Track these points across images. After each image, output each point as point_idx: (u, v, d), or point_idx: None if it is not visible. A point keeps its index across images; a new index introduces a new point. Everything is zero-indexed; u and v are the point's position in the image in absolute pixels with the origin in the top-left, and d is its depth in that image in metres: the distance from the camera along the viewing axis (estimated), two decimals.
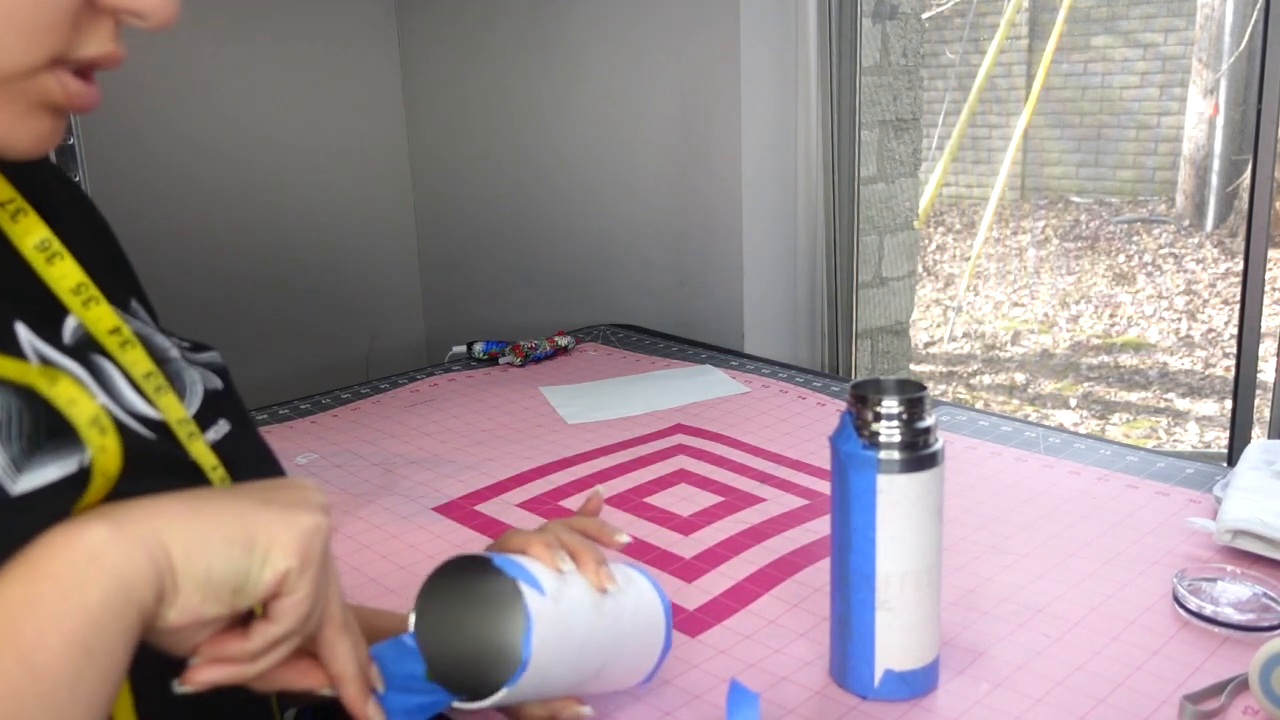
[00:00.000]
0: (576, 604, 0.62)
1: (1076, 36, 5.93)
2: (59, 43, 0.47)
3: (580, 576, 0.64)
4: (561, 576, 0.62)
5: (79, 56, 0.48)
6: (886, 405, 0.71)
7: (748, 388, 1.44)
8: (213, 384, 0.61)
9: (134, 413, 0.54)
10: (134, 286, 0.65)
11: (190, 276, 2.00)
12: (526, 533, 0.66)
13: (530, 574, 0.60)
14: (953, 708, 0.74)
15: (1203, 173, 5.49)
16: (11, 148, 0.49)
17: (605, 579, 0.64)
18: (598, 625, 0.63)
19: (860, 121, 1.76)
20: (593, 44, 1.89)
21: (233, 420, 0.61)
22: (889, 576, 0.72)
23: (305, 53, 2.12)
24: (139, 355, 0.56)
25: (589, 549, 0.66)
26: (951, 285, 5.10)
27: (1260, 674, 0.69)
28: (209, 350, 0.64)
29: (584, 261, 2.01)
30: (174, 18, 0.50)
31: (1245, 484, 0.98)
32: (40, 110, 0.49)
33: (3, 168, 0.55)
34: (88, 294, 0.55)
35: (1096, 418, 3.72)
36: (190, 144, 1.99)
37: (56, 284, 0.54)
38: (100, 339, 0.55)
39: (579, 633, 0.62)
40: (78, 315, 0.54)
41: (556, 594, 0.60)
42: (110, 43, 0.49)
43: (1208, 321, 4.44)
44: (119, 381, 0.54)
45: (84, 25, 0.48)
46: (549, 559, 0.63)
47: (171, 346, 0.60)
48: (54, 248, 0.54)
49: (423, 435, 1.32)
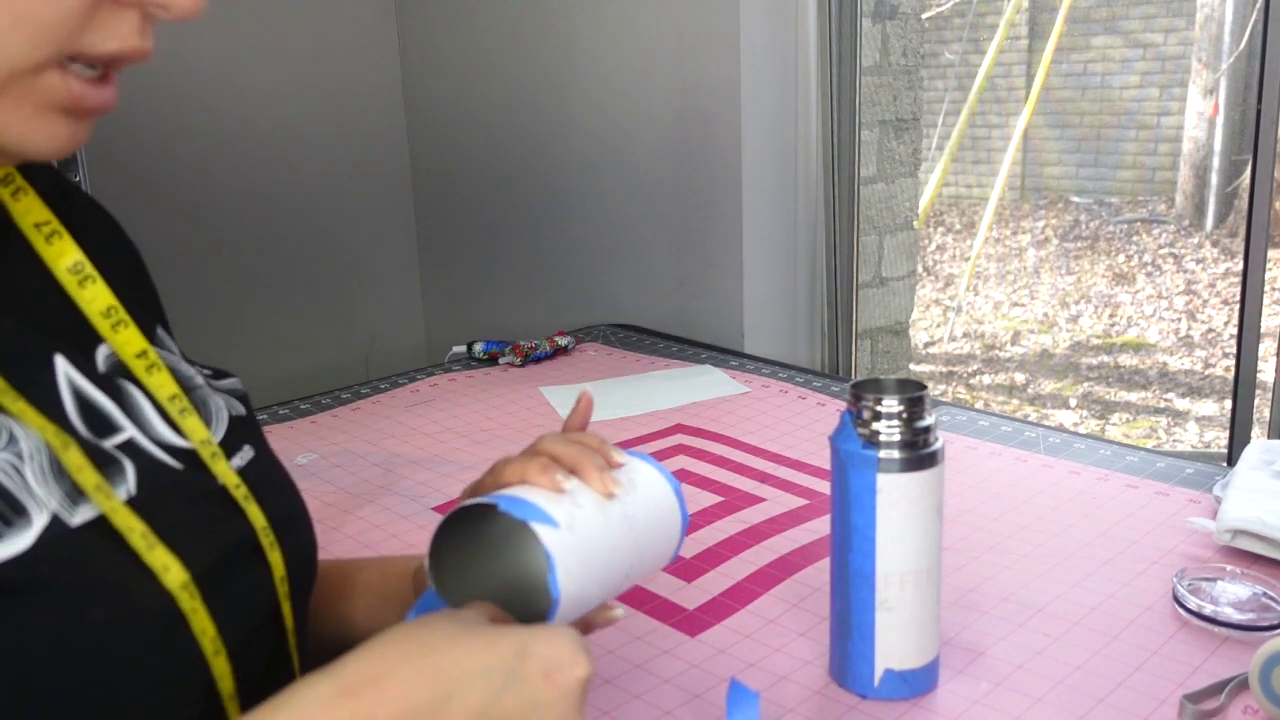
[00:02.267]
0: (590, 522, 0.60)
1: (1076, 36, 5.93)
2: (67, 39, 0.46)
3: (586, 489, 0.61)
4: (568, 496, 0.60)
5: (94, 52, 0.47)
6: (886, 405, 0.71)
7: (748, 388, 1.44)
8: (236, 410, 0.62)
9: (161, 442, 0.54)
10: (160, 316, 0.66)
11: (190, 276, 2.00)
12: (519, 459, 0.63)
13: (538, 509, 0.58)
14: (953, 707, 0.74)
15: (1203, 173, 5.49)
16: (28, 150, 0.48)
17: (610, 484, 0.61)
18: (616, 532, 0.61)
19: (860, 121, 1.76)
20: (592, 43, 1.89)
21: (255, 447, 0.62)
22: (889, 576, 0.72)
23: (305, 51, 2.12)
24: (165, 379, 0.56)
25: (587, 456, 0.63)
26: (951, 285, 5.10)
27: (1260, 674, 0.69)
28: (230, 377, 0.65)
29: (584, 261, 2.01)
30: (200, 7, 0.48)
31: (1245, 484, 0.98)
32: (50, 112, 0.47)
33: (42, 192, 0.56)
34: (117, 317, 0.56)
35: (1096, 418, 3.72)
36: (190, 143, 1.98)
37: (87, 306, 0.55)
38: (128, 362, 0.55)
39: (601, 549, 0.60)
40: (107, 338, 0.55)
41: (569, 520, 0.58)
42: (134, 37, 0.48)
43: (1207, 321, 4.44)
44: (147, 410, 0.54)
45: (101, 19, 0.47)
46: (549, 483, 0.60)
47: (196, 375, 0.61)
48: (86, 271, 0.55)
49: (423, 435, 1.32)
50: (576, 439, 0.65)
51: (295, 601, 0.61)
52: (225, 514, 0.56)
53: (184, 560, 0.51)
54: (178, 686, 0.50)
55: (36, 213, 0.55)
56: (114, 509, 0.49)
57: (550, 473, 0.61)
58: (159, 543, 0.50)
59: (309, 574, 0.64)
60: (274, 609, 0.59)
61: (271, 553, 0.58)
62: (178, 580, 0.50)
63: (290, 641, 0.61)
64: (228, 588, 0.53)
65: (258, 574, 0.57)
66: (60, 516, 0.47)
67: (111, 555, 0.48)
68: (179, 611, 0.50)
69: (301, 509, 0.65)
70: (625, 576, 0.63)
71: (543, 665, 0.50)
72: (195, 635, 0.50)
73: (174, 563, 0.50)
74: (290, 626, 0.60)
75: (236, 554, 0.56)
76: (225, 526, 0.56)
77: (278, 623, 0.59)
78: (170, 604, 0.50)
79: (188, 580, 0.50)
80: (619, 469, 0.64)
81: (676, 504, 0.68)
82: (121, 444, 0.52)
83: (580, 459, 0.62)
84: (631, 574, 0.64)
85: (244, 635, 0.54)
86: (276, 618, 0.59)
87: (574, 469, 0.62)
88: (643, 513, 0.64)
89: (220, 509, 0.56)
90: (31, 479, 0.47)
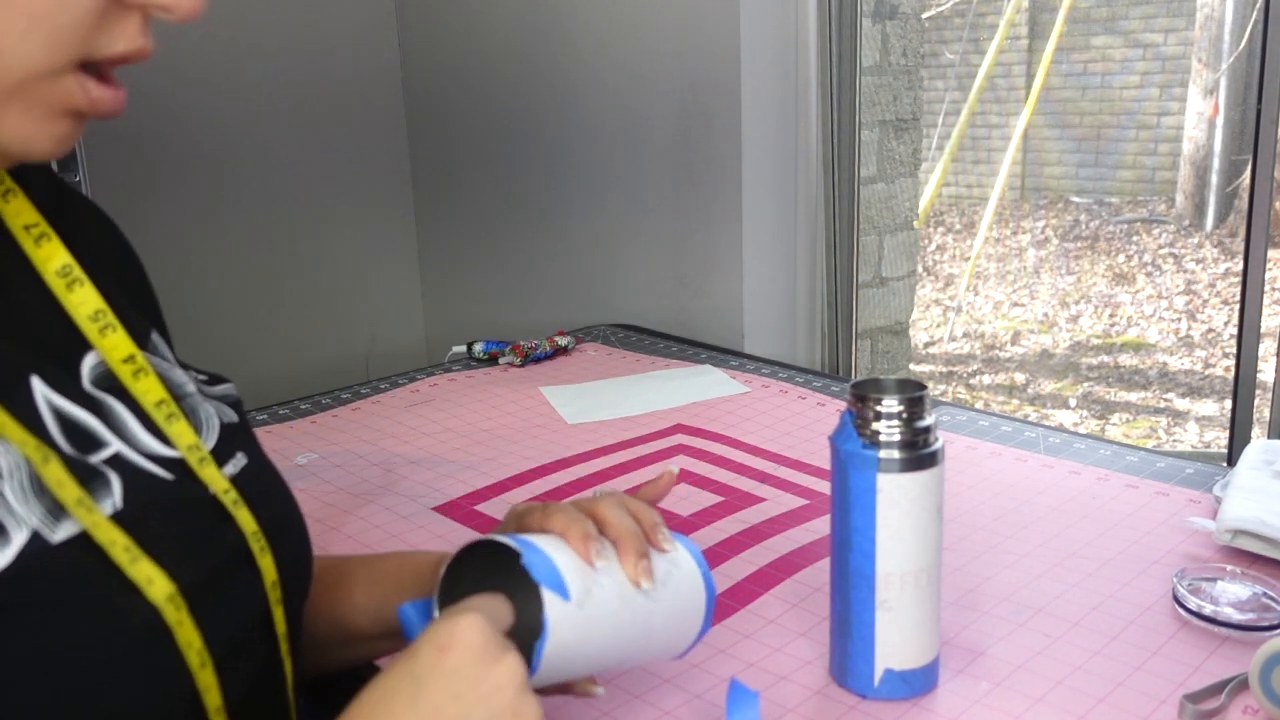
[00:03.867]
0: (605, 606, 0.59)
1: (1076, 36, 5.93)
2: (83, 43, 0.46)
3: (616, 569, 0.60)
4: (593, 572, 0.59)
5: (104, 54, 0.48)
6: (886, 404, 0.71)
7: (748, 388, 1.44)
8: (228, 418, 0.61)
9: (148, 453, 0.54)
10: (157, 321, 0.65)
11: (189, 276, 2.00)
12: (570, 513, 0.61)
13: (557, 575, 0.57)
14: (953, 707, 0.74)
15: (1203, 173, 5.49)
16: (31, 151, 0.49)
17: (642, 574, 0.60)
18: (626, 623, 0.60)
19: (860, 121, 1.76)
20: (592, 43, 1.89)
21: (248, 453, 0.61)
22: (889, 576, 0.72)
23: (306, 49, 2.12)
24: (152, 383, 0.56)
25: (632, 538, 0.61)
26: (951, 285, 5.10)
27: (1260, 674, 0.69)
28: (225, 383, 0.65)
29: (584, 261, 2.01)
30: (200, 9, 0.49)
31: (1245, 484, 0.98)
32: (62, 115, 0.48)
33: (32, 194, 0.56)
34: (105, 321, 0.55)
35: (1096, 418, 3.72)
36: (188, 142, 1.98)
37: (75, 310, 0.54)
38: (114, 368, 0.55)
39: (603, 633, 0.59)
40: (94, 343, 0.54)
41: (583, 596, 0.57)
42: (139, 38, 0.49)
43: (1207, 321, 4.44)
44: (131, 423, 0.54)
45: (110, 23, 0.47)
46: (584, 551, 0.59)
47: (189, 381, 0.61)
48: (75, 274, 0.55)
49: (423, 435, 1.32)
50: (635, 510, 0.64)
51: (288, 608, 0.60)
52: (215, 522, 0.56)
53: (170, 572, 0.50)
54: (162, 700, 0.50)
55: (26, 215, 0.54)
56: (95, 524, 0.49)
57: (589, 544, 0.59)
58: (143, 555, 0.49)
59: (302, 578, 0.63)
60: (264, 615, 0.58)
61: (262, 558, 0.57)
62: (163, 593, 0.49)
63: (282, 648, 0.60)
64: (216, 597, 0.53)
65: (247, 581, 0.57)
66: (40, 533, 0.47)
67: (94, 570, 0.48)
68: (164, 624, 0.49)
69: (295, 514, 0.64)
70: (619, 662, 0.62)
71: (433, 645, 0.50)
72: (180, 648, 0.50)
73: (159, 575, 0.50)
74: (282, 632, 0.59)
75: (226, 562, 0.55)
76: (215, 535, 0.55)
77: (268, 629, 0.59)
78: (154, 617, 0.49)
79: (174, 592, 0.50)
80: (661, 555, 0.63)
81: (703, 611, 0.66)
82: (108, 459, 0.52)
83: (625, 537, 0.61)
84: (627, 662, 0.63)
85: (232, 644, 0.54)
86: (267, 624, 0.58)
87: (615, 542, 0.61)
88: (663, 610, 0.62)
89: (210, 517, 0.55)
90: (10, 496, 0.47)
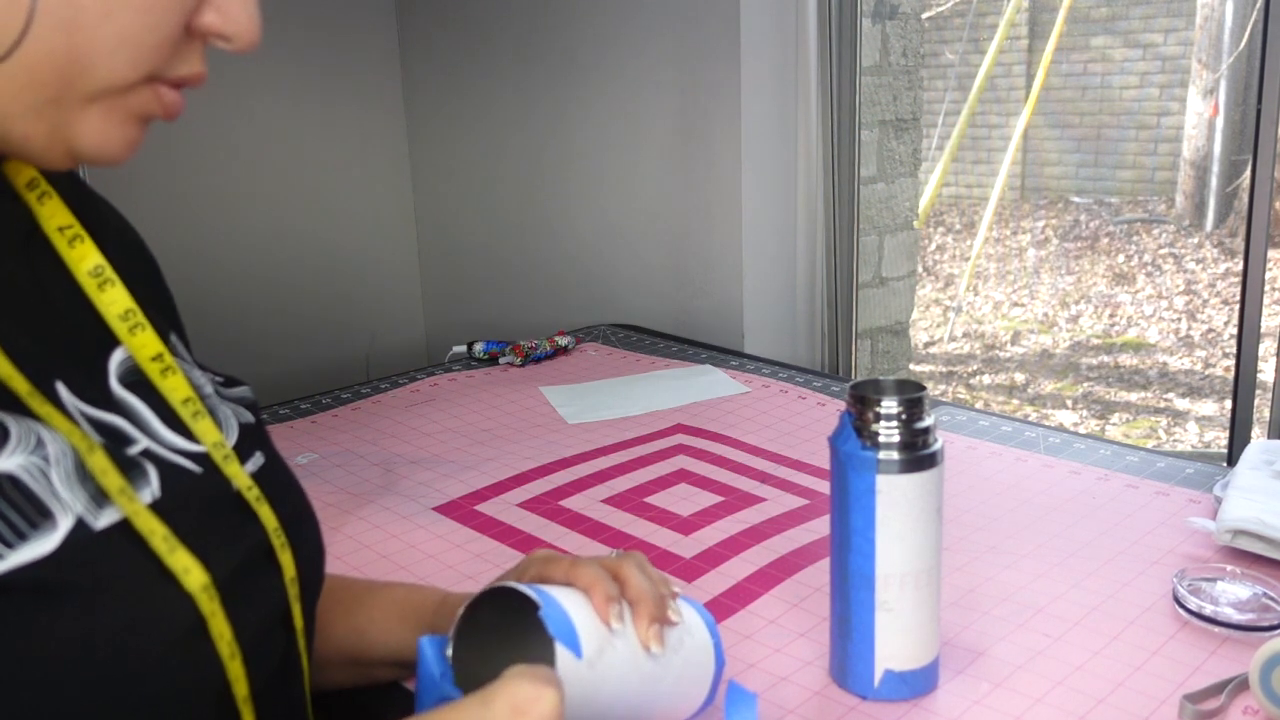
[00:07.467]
0: (616, 668, 0.60)
1: (1076, 36, 5.93)
2: (159, 62, 0.50)
3: (631, 633, 0.62)
4: (609, 634, 0.60)
5: (172, 76, 0.51)
6: (886, 405, 0.71)
7: (748, 388, 1.44)
8: (245, 418, 0.63)
9: (175, 448, 0.55)
10: (175, 322, 0.66)
11: (190, 276, 2.00)
12: (596, 571, 0.64)
13: (573, 631, 0.58)
14: (953, 708, 0.74)
15: (1202, 173, 5.49)
16: (104, 154, 0.51)
17: (653, 639, 0.62)
18: (632, 686, 0.62)
19: (860, 121, 1.76)
20: (592, 44, 1.89)
21: (265, 453, 0.62)
22: (889, 576, 0.72)
23: (307, 55, 2.12)
24: (179, 381, 0.57)
25: (649, 602, 0.63)
26: (951, 285, 5.10)
27: (1260, 674, 0.70)
28: (241, 385, 0.66)
29: (584, 261, 2.01)
30: (258, 41, 0.52)
31: (1245, 484, 0.98)
32: (134, 120, 0.51)
33: (64, 195, 0.57)
34: (135, 320, 0.57)
35: (1096, 418, 3.72)
36: (191, 144, 1.98)
37: (106, 309, 0.56)
38: (143, 365, 0.56)
39: (611, 693, 0.60)
40: (124, 341, 0.56)
41: (595, 657, 0.59)
42: (200, 64, 0.52)
43: (1208, 321, 4.44)
44: (154, 422, 0.55)
45: (181, 47, 0.51)
46: (605, 612, 0.61)
47: (207, 383, 0.62)
48: (106, 274, 0.56)
49: (423, 435, 1.32)
50: (659, 578, 0.66)
51: (304, 603, 0.61)
52: (241, 517, 0.57)
53: (204, 563, 0.51)
54: (195, 688, 0.51)
55: (60, 216, 0.56)
56: (136, 512, 0.50)
57: (611, 606, 0.61)
58: (180, 545, 0.51)
59: (318, 575, 0.65)
60: (284, 611, 0.59)
61: (283, 554, 0.59)
62: (198, 583, 0.51)
63: (300, 643, 0.61)
64: (243, 590, 0.54)
65: (270, 576, 0.58)
66: (85, 520, 0.48)
67: (134, 558, 0.49)
68: (199, 614, 0.51)
69: (309, 511, 0.66)
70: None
71: (510, 703, 0.50)
72: (213, 639, 0.51)
73: (194, 565, 0.51)
74: (300, 628, 0.61)
75: (251, 556, 0.57)
76: (241, 529, 0.57)
77: (287, 624, 0.60)
78: (191, 607, 0.50)
79: (208, 583, 0.51)
80: (673, 627, 0.64)
81: (710, 680, 0.68)
82: (140, 452, 0.53)
83: (643, 600, 0.63)
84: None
85: (257, 638, 0.55)
86: (286, 619, 0.60)
87: (632, 604, 0.63)
88: (672, 676, 0.64)
89: (236, 512, 0.57)
90: (57, 482, 0.48)
